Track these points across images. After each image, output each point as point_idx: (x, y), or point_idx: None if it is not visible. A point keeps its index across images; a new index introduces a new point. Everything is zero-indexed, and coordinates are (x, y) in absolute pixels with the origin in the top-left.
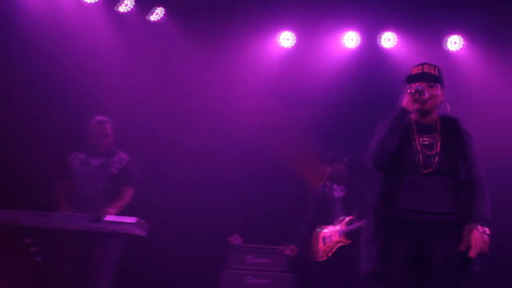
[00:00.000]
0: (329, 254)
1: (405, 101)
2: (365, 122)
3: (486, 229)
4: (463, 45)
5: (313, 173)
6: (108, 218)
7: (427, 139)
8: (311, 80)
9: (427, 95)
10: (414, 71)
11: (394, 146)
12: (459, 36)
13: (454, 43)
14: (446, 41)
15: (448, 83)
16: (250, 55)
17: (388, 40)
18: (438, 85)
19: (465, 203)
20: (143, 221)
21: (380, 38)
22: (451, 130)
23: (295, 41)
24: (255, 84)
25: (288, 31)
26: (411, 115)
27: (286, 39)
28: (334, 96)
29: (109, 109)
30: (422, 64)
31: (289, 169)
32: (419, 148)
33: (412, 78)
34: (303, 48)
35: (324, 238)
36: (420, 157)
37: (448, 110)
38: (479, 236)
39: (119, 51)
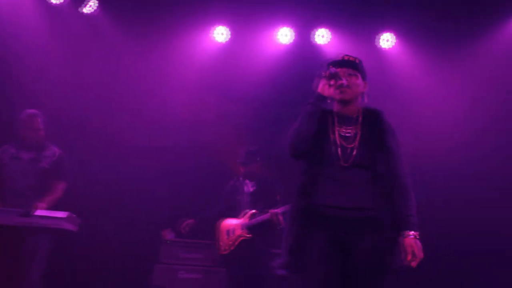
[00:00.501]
0: (232, 248)
1: (320, 86)
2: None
3: (417, 233)
4: (395, 42)
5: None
6: (39, 212)
7: (347, 131)
8: (245, 75)
9: (344, 81)
10: (334, 58)
11: (310, 133)
12: (391, 34)
13: (387, 40)
14: (379, 39)
15: (380, 80)
16: (185, 50)
17: (322, 36)
18: (359, 75)
19: (384, 198)
20: (74, 215)
21: (314, 34)
22: (372, 122)
23: (229, 36)
24: (190, 78)
25: (223, 26)
26: (333, 108)
27: (221, 34)
28: (267, 91)
29: (42, 102)
30: (344, 55)
31: (222, 164)
32: (337, 141)
33: (331, 65)
34: (237, 43)
35: (228, 232)
36: (339, 150)
37: (366, 101)
38: (414, 243)
39: (52, 43)
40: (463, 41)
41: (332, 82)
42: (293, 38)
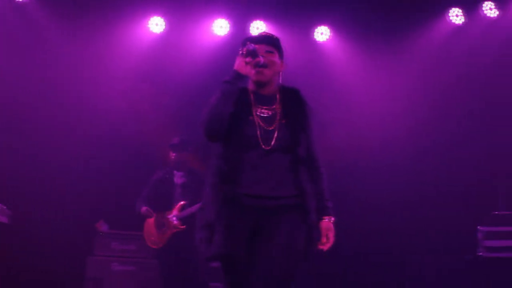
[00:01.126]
0: (164, 241)
1: (237, 63)
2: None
3: (333, 218)
4: (330, 36)
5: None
6: None
7: (265, 111)
8: (181, 66)
9: (261, 59)
10: (252, 35)
11: (226, 113)
12: (327, 27)
13: (322, 33)
14: (314, 32)
15: (316, 73)
16: (121, 40)
17: (257, 28)
18: (276, 52)
19: (305, 183)
20: (5, 207)
21: (250, 26)
22: (291, 102)
23: (164, 27)
24: (126, 68)
25: (158, 16)
26: (249, 86)
27: (156, 24)
28: (203, 82)
29: None
30: (260, 33)
31: (157, 155)
32: (257, 122)
33: (248, 41)
34: (173, 34)
35: (159, 225)
36: (258, 132)
37: (280, 81)
38: (330, 227)
39: None
40: (398, 35)
41: (249, 60)
42: (229, 29)
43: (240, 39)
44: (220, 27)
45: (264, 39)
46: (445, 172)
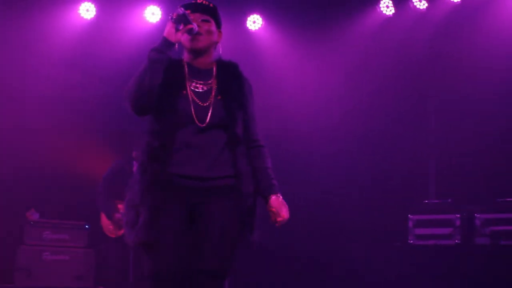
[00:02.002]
0: (120, 230)
1: (167, 29)
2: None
3: (280, 196)
4: (262, 24)
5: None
6: None
7: (200, 86)
8: (112, 53)
9: (194, 26)
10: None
11: (154, 84)
12: (259, 16)
13: (254, 22)
14: (246, 20)
15: (248, 62)
16: (50, 25)
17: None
18: (213, 21)
19: (242, 164)
20: None
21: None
22: (229, 77)
23: (95, 13)
24: (54, 55)
25: (89, 2)
26: (183, 57)
27: (86, 10)
28: (135, 70)
29: None
30: None
31: (86, 142)
32: (190, 98)
33: (181, 7)
34: (104, 20)
35: (116, 215)
36: (192, 108)
37: (220, 52)
38: (281, 203)
39: None
40: (330, 24)
41: (181, 27)
42: (161, 16)
43: None
44: (152, 13)
45: (199, 6)
46: (376, 161)
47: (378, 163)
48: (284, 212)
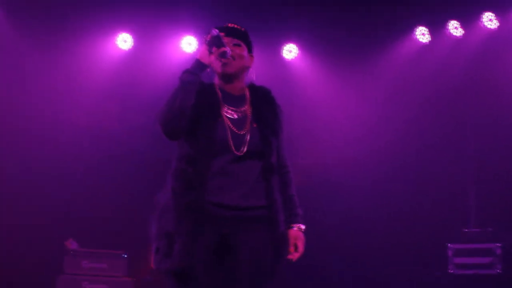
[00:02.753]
0: None
1: (200, 52)
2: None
3: (302, 226)
4: (298, 53)
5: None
6: None
7: (235, 112)
8: (148, 83)
9: (227, 49)
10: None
11: (186, 106)
12: (294, 45)
13: (290, 51)
14: (282, 49)
15: (284, 91)
16: (89, 56)
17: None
18: (244, 46)
19: (276, 194)
20: None
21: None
22: (262, 103)
23: (132, 43)
24: (93, 85)
25: (126, 32)
26: (216, 82)
27: (124, 40)
28: None
29: None
30: (227, 23)
31: (126, 172)
32: (226, 125)
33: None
34: (141, 51)
35: None
36: (229, 136)
37: (254, 78)
38: (298, 235)
39: None
40: (365, 52)
41: (214, 49)
42: (197, 46)
43: None
44: (188, 44)
45: (230, 31)
46: (415, 189)
47: (416, 191)
48: (300, 246)
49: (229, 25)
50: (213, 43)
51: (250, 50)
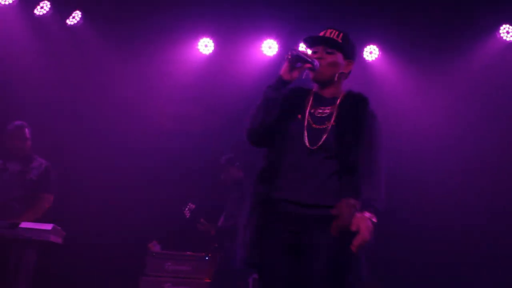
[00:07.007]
0: None
1: (283, 68)
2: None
3: (372, 216)
4: (379, 55)
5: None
6: (24, 225)
7: (321, 111)
8: (230, 87)
9: (315, 62)
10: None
11: (269, 119)
12: (375, 46)
13: (371, 52)
14: (363, 51)
15: (365, 92)
16: (170, 61)
17: (306, 48)
18: (339, 53)
19: (347, 194)
20: (59, 228)
21: (298, 46)
22: (352, 107)
23: (213, 48)
24: (175, 90)
25: (207, 37)
26: (313, 87)
27: (205, 45)
28: (252, 104)
29: (29, 114)
30: (326, 28)
31: (206, 175)
32: (306, 122)
33: (307, 42)
34: (222, 55)
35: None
36: (305, 130)
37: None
38: (363, 220)
39: (36, 54)
40: (448, 53)
41: (298, 65)
42: (278, 50)
43: None
44: (269, 47)
45: (323, 39)
46: (498, 198)
47: (500, 199)
48: (362, 229)
49: (323, 34)
50: (296, 61)
51: (347, 57)
